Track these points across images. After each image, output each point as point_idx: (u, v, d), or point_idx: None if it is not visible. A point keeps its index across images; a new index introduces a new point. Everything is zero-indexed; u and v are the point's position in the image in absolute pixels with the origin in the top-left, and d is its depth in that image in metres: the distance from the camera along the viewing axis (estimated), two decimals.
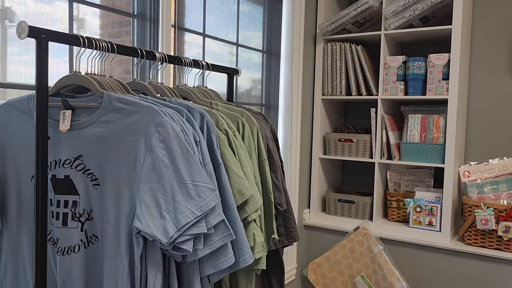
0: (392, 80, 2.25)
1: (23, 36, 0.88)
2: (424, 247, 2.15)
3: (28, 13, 1.28)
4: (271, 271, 1.38)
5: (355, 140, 2.37)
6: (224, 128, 1.13)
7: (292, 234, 1.36)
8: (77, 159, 0.99)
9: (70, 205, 0.99)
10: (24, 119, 1.03)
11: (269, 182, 1.23)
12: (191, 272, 0.98)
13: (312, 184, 2.50)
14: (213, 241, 0.95)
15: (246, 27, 2.16)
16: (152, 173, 0.92)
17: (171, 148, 0.93)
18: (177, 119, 0.99)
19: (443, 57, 2.14)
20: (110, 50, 1.06)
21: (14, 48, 1.25)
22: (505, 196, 2.02)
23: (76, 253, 0.99)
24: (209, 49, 1.93)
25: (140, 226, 0.90)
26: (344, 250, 2.27)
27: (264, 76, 2.32)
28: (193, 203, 0.92)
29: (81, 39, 0.99)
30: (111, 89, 1.03)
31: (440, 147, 2.14)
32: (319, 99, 2.46)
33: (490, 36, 2.30)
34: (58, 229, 1.00)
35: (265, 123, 1.35)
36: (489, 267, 2.01)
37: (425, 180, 2.33)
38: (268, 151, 1.28)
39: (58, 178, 1.00)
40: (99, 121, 0.98)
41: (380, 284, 2.15)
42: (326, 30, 2.40)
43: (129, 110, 0.97)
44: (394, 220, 2.35)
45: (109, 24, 1.53)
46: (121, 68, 1.58)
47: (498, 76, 2.29)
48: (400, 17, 2.18)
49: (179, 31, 1.75)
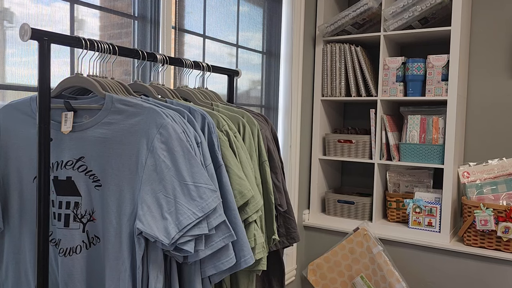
0: (391, 81, 2.25)
1: (26, 39, 0.88)
2: (424, 248, 2.16)
3: (28, 15, 1.27)
4: (271, 271, 1.39)
5: (355, 141, 2.38)
6: (225, 129, 1.13)
7: (293, 235, 1.37)
8: (79, 160, 0.99)
9: (72, 206, 1.00)
10: (26, 121, 1.03)
11: (270, 183, 1.24)
12: (192, 273, 0.98)
13: (312, 185, 2.50)
14: (214, 242, 0.96)
15: (246, 28, 2.16)
16: (154, 174, 0.93)
17: (173, 149, 0.93)
18: (179, 120, 0.99)
19: (442, 58, 2.14)
20: (112, 52, 1.06)
21: (13, 50, 1.25)
22: (505, 197, 2.03)
23: (77, 254, 1.00)
24: (209, 50, 1.94)
25: (141, 227, 0.90)
26: (343, 251, 2.28)
27: (264, 77, 2.32)
28: (195, 204, 0.92)
29: (83, 41, 0.99)
30: (113, 90, 1.04)
31: (439, 148, 2.15)
32: (319, 100, 2.47)
33: (489, 37, 2.30)
34: (60, 230, 1.00)
35: (266, 124, 1.35)
36: (489, 267, 2.02)
37: (424, 181, 2.34)
38: (269, 152, 1.29)
39: (60, 179, 1.00)
40: (101, 122, 0.98)
41: (379, 285, 2.16)
42: (326, 31, 2.40)
43: (131, 111, 0.97)
44: (394, 221, 2.35)
45: (109, 25, 1.53)
46: (121, 69, 1.59)
47: (497, 77, 2.30)
48: (400, 19, 2.19)
49: (179, 33, 1.76)
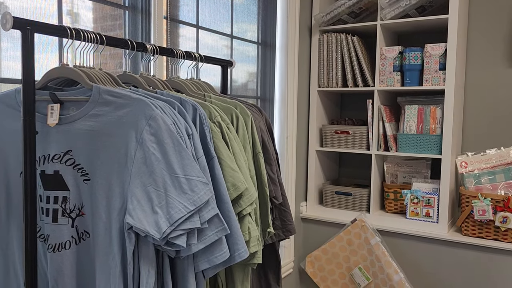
0: (388, 71, 2.23)
1: (8, 27, 0.85)
2: (422, 239, 2.15)
3: (22, 8, 1.26)
4: (267, 265, 1.37)
5: (352, 132, 2.36)
6: (218, 121, 1.11)
7: (288, 228, 1.34)
8: (67, 154, 0.97)
9: (60, 201, 0.97)
10: (11, 114, 1.00)
11: (264, 175, 1.22)
12: (185, 267, 0.96)
13: (309, 176, 2.48)
14: (207, 236, 0.93)
15: (240, 19, 2.13)
16: (144, 167, 0.90)
17: (163, 141, 0.91)
18: (169, 111, 0.96)
19: (439, 47, 2.11)
20: (100, 42, 1.03)
21: (7, 44, 1.23)
22: (503, 186, 2.01)
23: (67, 250, 0.97)
24: (203, 42, 1.90)
25: (131, 222, 0.88)
26: (341, 242, 2.27)
27: (260, 69, 2.29)
28: (186, 198, 0.90)
29: (68, 30, 0.96)
30: (100, 81, 1.01)
31: (437, 138, 2.13)
32: (315, 91, 2.44)
33: (487, 25, 2.27)
34: (49, 225, 0.98)
35: (260, 115, 1.33)
36: (487, 257, 2.01)
37: (422, 171, 2.32)
38: (263, 144, 1.26)
39: (47, 173, 0.98)
40: (89, 114, 0.96)
41: (377, 276, 2.15)
42: (322, 21, 2.37)
43: (119, 103, 0.94)
44: (392, 212, 2.34)
45: (102, 17, 1.50)
46: (115, 62, 1.56)
47: (495, 66, 2.27)
48: (396, 7, 2.15)
49: (172, 23, 1.72)
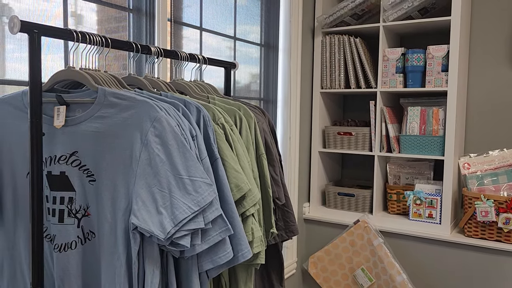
0: (391, 73, 2.23)
1: (15, 31, 0.86)
2: (424, 240, 2.15)
3: (26, 10, 1.27)
4: (270, 265, 1.38)
5: (355, 133, 2.36)
6: (221, 122, 1.12)
7: (291, 228, 1.35)
8: (73, 155, 0.98)
9: (66, 202, 0.98)
10: (18, 115, 1.01)
11: (267, 176, 1.22)
12: (189, 268, 0.97)
13: (312, 177, 2.49)
14: (211, 236, 0.94)
15: (243, 20, 2.14)
16: (148, 169, 0.91)
17: (167, 143, 0.92)
18: (173, 113, 0.98)
19: (442, 49, 2.12)
20: (105, 45, 1.05)
21: (13, 46, 1.24)
22: (505, 188, 2.01)
23: (73, 250, 0.99)
24: (206, 43, 1.92)
25: (136, 222, 0.89)
26: (344, 243, 2.27)
27: (262, 70, 2.30)
28: (190, 198, 0.91)
29: (74, 33, 0.97)
30: (105, 84, 1.02)
31: (439, 139, 2.13)
32: (318, 92, 2.45)
33: (489, 27, 2.28)
34: (55, 225, 0.99)
35: (263, 117, 1.34)
36: (490, 259, 2.01)
37: (425, 172, 2.32)
38: (266, 145, 1.27)
39: (54, 174, 0.99)
40: (94, 116, 0.97)
41: (380, 276, 2.15)
42: (325, 23, 2.38)
43: (124, 105, 0.96)
44: (394, 213, 2.34)
45: (106, 19, 1.52)
46: (119, 64, 1.57)
47: (498, 67, 2.27)
48: (399, 9, 2.16)
49: (176, 26, 1.74)
